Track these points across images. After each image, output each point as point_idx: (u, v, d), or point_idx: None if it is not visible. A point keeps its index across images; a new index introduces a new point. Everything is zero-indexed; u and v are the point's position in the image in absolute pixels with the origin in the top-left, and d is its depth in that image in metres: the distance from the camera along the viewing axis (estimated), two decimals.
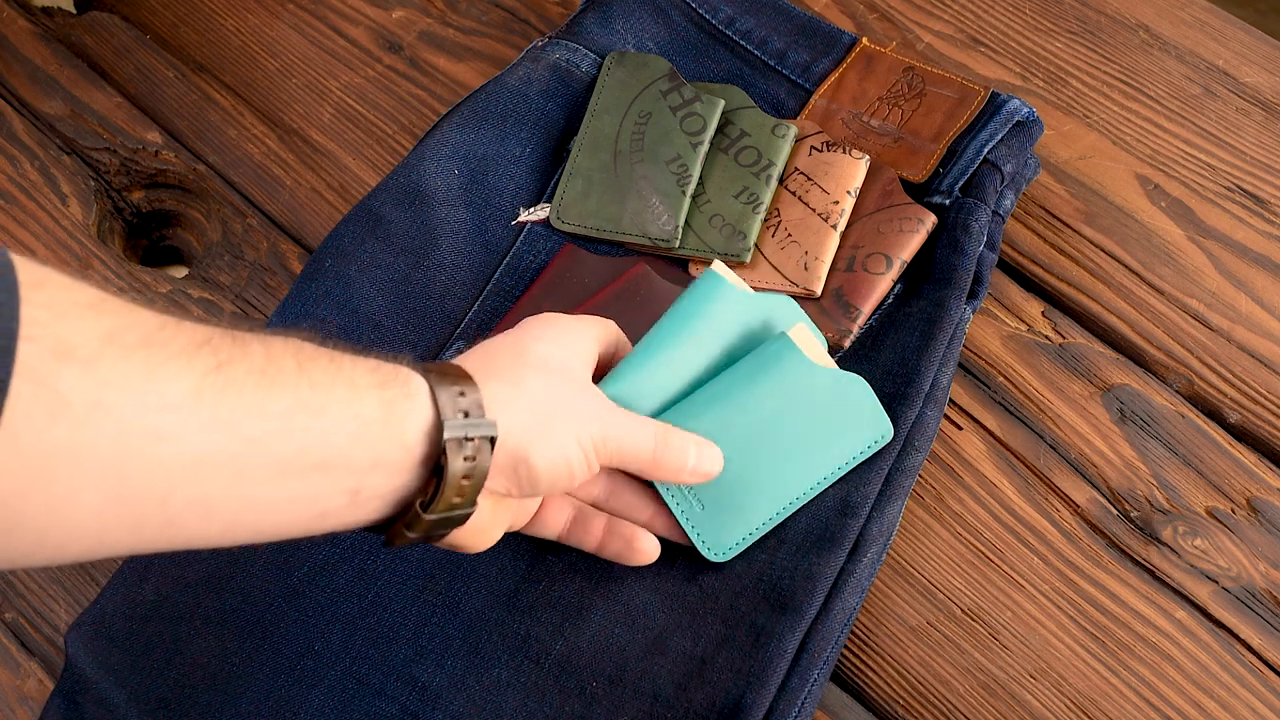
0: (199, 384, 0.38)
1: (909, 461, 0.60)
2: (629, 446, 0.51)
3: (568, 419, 0.49)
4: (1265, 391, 0.64)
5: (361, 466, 0.42)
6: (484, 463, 0.45)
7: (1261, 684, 0.57)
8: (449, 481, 0.44)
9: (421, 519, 0.44)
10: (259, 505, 0.40)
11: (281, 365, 0.40)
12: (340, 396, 0.41)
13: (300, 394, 0.40)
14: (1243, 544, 0.60)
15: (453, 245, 0.67)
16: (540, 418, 0.48)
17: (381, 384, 0.43)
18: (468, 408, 0.45)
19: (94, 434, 0.35)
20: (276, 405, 0.39)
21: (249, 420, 0.39)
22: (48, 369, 0.34)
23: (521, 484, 0.48)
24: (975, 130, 0.67)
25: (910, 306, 0.63)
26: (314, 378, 0.41)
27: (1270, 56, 0.75)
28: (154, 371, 0.37)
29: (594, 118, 0.70)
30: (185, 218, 0.75)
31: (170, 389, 0.37)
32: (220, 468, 0.38)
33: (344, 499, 0.42)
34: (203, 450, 0.38)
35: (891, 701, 0.58)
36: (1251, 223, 0.69)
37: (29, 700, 0.59)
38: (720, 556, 0.57)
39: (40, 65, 0.79)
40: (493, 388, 0.47)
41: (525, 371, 0.49)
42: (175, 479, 0.37)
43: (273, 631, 0.58)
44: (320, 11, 0.81)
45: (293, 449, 0.40)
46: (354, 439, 0.42)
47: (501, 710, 0.55)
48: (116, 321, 0.37)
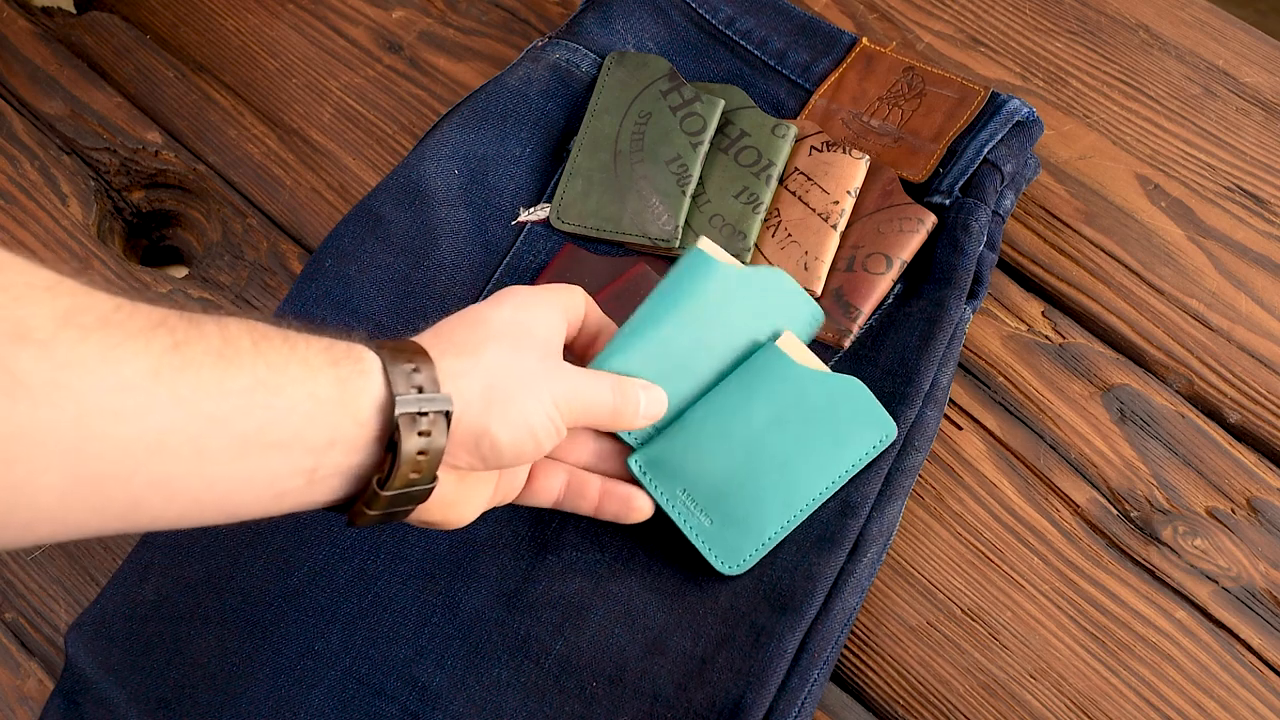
0: (157, 364, 0.38)
1: (909, 461, 0.60)
2: (591, 403, 0.51)
3: (528, 386, 0.48)
4: (1265, 391, 0.64)
5: (318, 445, 0.42)
6: (439, 438, 0.45)
7: (1261, 684, 0.57)
8: (403, 458, 0.44)
9: (379, 496, 0.44)
10: (220, 485, 0.41)
11: (238, 345, 0.41)
12: (295, 375, 0.42)
13: (257, 373, 0.40)
14: (1243, 544, 0.60)
15: (453, 245, 0.67)
16: (499, 389, 0.47)
17: (334, 362, 0.43)
18: (422, 383, 0.45)
19: (53, 415, 0.35)
20: (235, 384, 0.40)
21: (208, 399, 0.39)
22: (4, 351, 0.34)
23: (485, 457, 0.47)
24: (975, 130, 0.67)
25: (910, 306, 0.63)
26: (269, 357, 0.41)
27: (1270, 56, 0.75)
28: (111, 352, 0.37)
29: (594, 118, 0.70)
30: (185, 218, 0.75)
31: (128, 369, 0.37)
32: (181, 447, 0.39)
33: (302, 479, 0.43)
34: (163, 429, 0.38)
35: (891, 701, 0.58)
36: (1251, 223, 0.69)
37: (29, 700, 0.59)
38: (735, 570, 0.56)
39: (40, 65, 0.79)
40: (448, 362, 0.46)
41: (483, 342, 0.48)
42: (137, 459, 0.38)
43: (273, 631, 0.57)
44: (320, 11, 0.81)
45: (252, 427, 0.40)
46: (310, 418, 0.42)
47: (501, 710, 0.55)
48: (73, 303, 0.37)
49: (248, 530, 0.60)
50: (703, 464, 0.57)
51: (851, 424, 0.58)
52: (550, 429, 0.49)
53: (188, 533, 0.60)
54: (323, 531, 0.60)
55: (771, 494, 0.57)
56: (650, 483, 0.56)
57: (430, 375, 0.45)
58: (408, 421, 0.43)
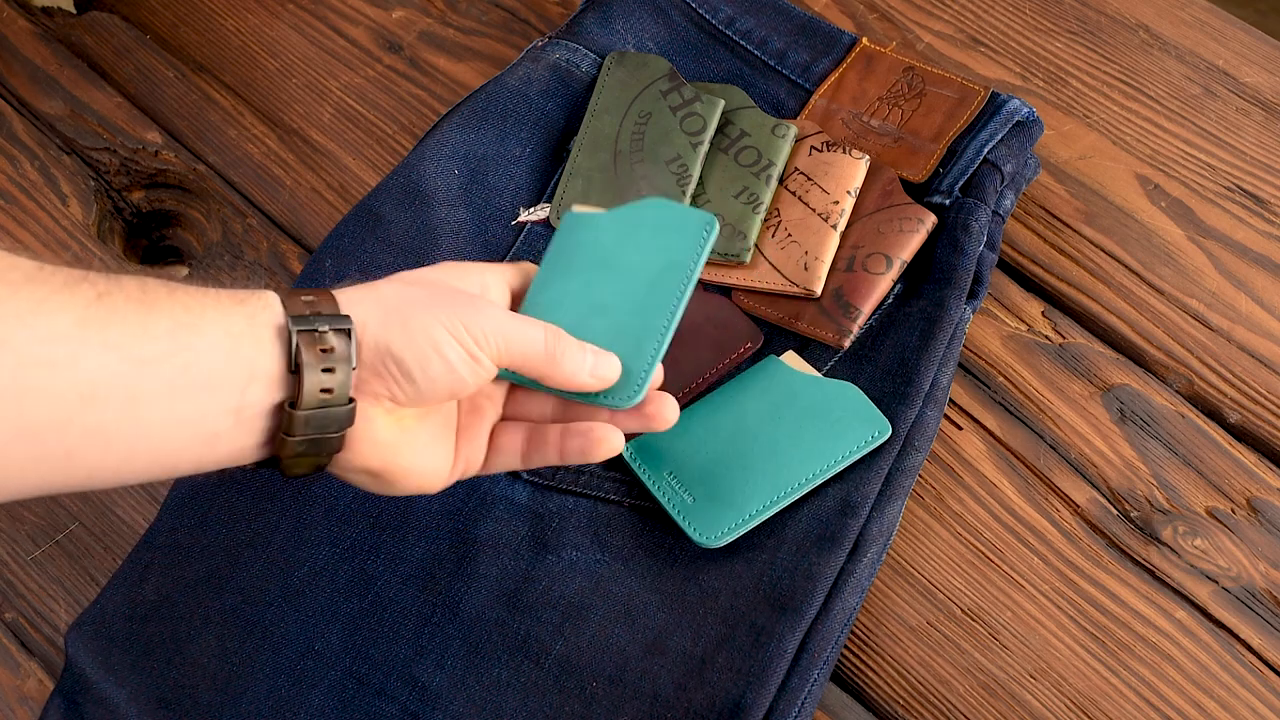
0: (84, 314, 0.40)
1: (909, 461, 0.60)
2: (519, 341, 0.49)
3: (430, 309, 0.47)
4: (1265, 391, 0.64)
5: (239, 381, 0.43)
6: (343, 351, 0.45)
7: (1261, 684, 0.57)
8: (307, 373, 0.44)
9: (295, 416, 0.44)
10: (153, 430, 0.42)
11: (155, 294, 0.42)
12: (211, 317, 0.43)
13: (177, 315, 0.42)
14: (1243, 544, 0.60)
15: (453, 245, 0.67)
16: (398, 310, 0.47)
17: (242, 301, 0.45)
18: (319, 309, 0.46)
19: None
20: (159, 327, 0.42)
21: (134, 343, 0.41)
22: None
23: (398, 381, 0.47)
24: (975, 130, 0.67)
25: (910, 306, 0.63)
26: (186, 302, 0.43)
27: (1270, 56, 0.75)
28: (41, 305, 0.39)
29: (594, 118, 0.70)
30: (185, 218, 0.75)
31: (58, 319, 0.39)
32: (114, 392, 0.40)
33: (230, 419, 0.44)
34: (96, 376, 0.40)
35: (891, 701, 0.58)
36: (1251, 223, 0.69)
37: (29, 700, 0.59)
38: (712, 542, 0.57)
39: (40, 65, 0.79)
40: (346, 293, 0.48)
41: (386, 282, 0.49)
42: (72, 406, 0.39)
43: (273, 631, 0.58)
44: (320, 11, 0.81)
45: (178, 367, 0.42)
46: (229, 355, 0.43)
47: (501, 710, 0.55)
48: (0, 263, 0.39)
49: (248, 530, 0.60)
50: (691, 450, 0.58)
51: (844, 420, 0.59)
52: (462, 354, 0.47)
53: (188, 533, 0.60)
54: (323, 531, 0.60)
55: (757, 475, 0.58)
56: (638, 466, 0.57)
57: (329, 303, 0.46)
58: (307, 339, 0.44)
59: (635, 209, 0.55)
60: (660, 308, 0.53)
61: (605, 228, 0.55)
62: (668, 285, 0.54)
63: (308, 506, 0.61)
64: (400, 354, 0.46)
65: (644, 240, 0.55)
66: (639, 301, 0.54)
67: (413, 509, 0.60)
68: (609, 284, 0.54)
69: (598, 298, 0.54)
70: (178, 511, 0.61)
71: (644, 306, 0.54)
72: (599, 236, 0.55)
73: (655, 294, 0.54)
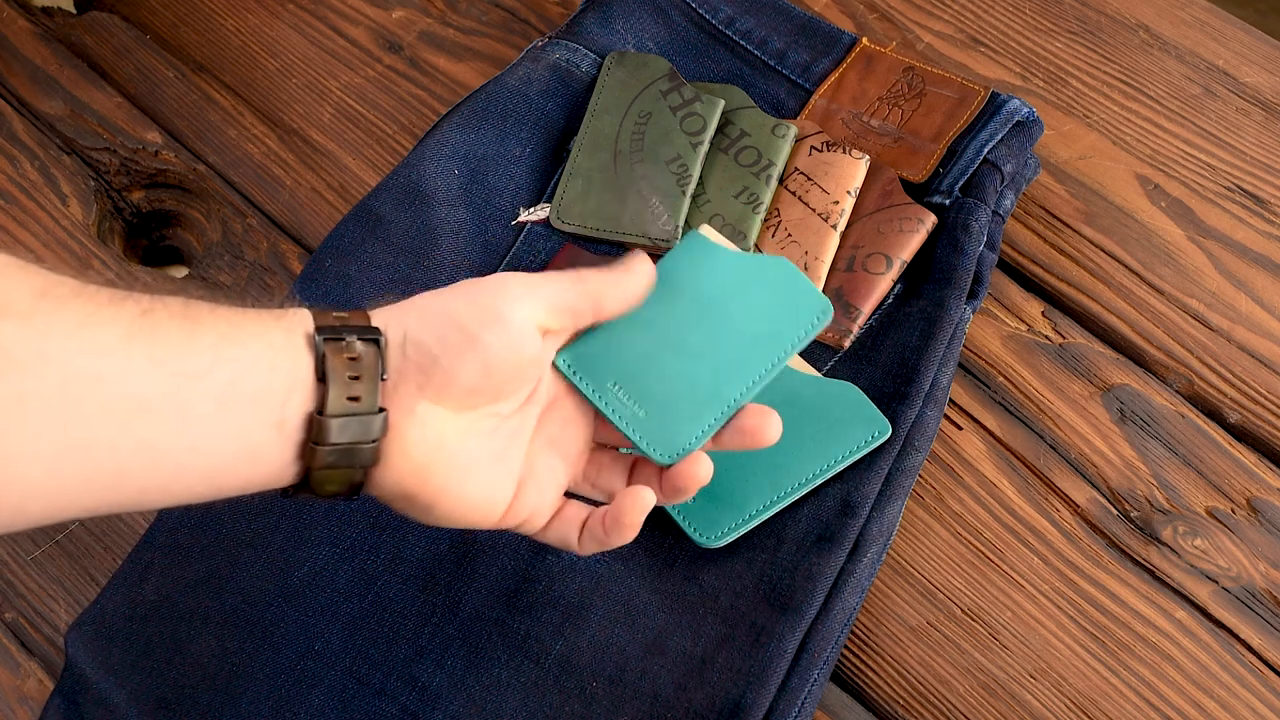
0: (129, 328, 0.40)
1: (909, 461, 0.60)
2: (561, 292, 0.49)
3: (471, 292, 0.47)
4: (1265, 391, 0.64)
5: (281, 395, 0.43)
6: (369, 359, 0.45)
7: (1261, 684, 0.57)
8: (332, 377, 0.44)
9: (323, 424, 0.44)
10: (201, 445, 0.42)
11: (198, 309, 0.43)
12: (253, 330, 0.44)
13: (220, 329, 0.42)
14: (1243, 544, 0.60)
15: (453, 245, 0.67)
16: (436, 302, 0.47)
17: (278, 317, 0.45)
18: (347, 320, 0.46)
19: (38, 384, 0.37)
20: (203, 341, 0.42)
21: (181, 357, 0.41)
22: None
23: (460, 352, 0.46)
24: (975, 130, 0.67)
25: (910, 306, 0.63)
26: (228, 317, 0.43)
27: (1270, 56, 0.75)
28: (87, 320, 0.39)
29: (594, 118, 0.70)
30: (185, 218, 0.75)
31: (104, 334, 0.39)
32: (162, 407, 0.40)
33: (273, 431, 0.44)
34: (143, 391, 0.40)
35: (891, 701, 0.58)
36: (1251, 223, 0.69)
37: (29, 700, 0.59)
38: (712, 542, 0.57)
39: (40, 65, 0.79)
40: (380, 311, 0.47)
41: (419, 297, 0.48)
42: (120, 422, 0.39)
43: (273, 631, 0.58)
44: (320, 11, 0.81)
45: (225, 381, 0.42)
46: (272, 367, 0.43)
47: (501, 710, 0.55)
48: (45, 279, 0.39)
49: (248, 530, 0.60)
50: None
51: (844, 420, 0.59)
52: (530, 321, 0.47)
53: (188, 533, 0.60)
54: (323, 532, 0.60)
55: (756, 475, 0.57)
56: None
57: (359, 318, 0.46)
58: (333, 347, 0.44)
59: (761, 261, 0.54)
60: (739, 376, 0.53)
61: (723, 265, 0.54)
62: (757, 356, 0.53)
63: (308, 506, 0.61)
64: (461, 319, 0.46)
65: (754, 296, 0.54)
66: (721, 359, 0.53)
67: None
68: (701, 325, 0.53)
69: (684, 334, 0.53)
70: (178, 511, 0.61)
71: (723, 367, 0.53)
72: (713, 271, 0.54)
73: (741, 359, 0.53)
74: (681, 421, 0.52)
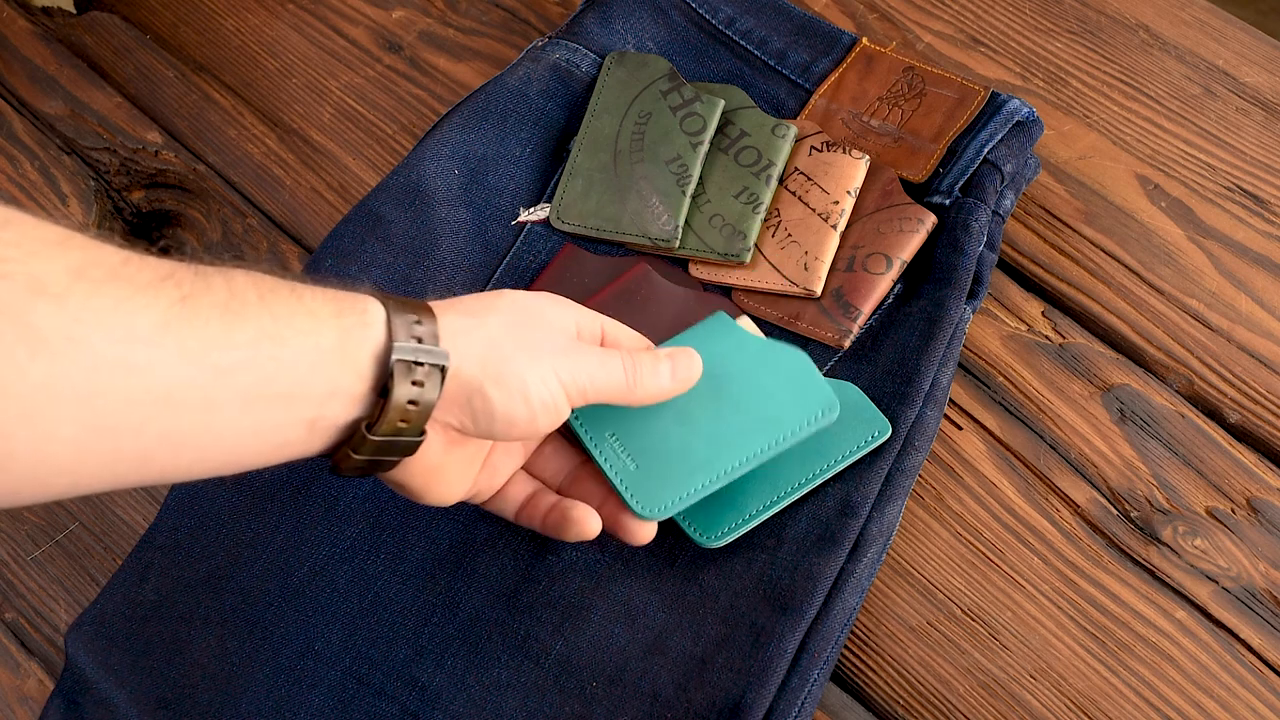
0: (165, 316, 0.38)
1: (909, 461, 0.60)
2: (602, 380, 0.50)
3: (530, 354, 0.48)
4: (1265, 391, 0.64)
5: (319, 396, 0.43)
6: (432, 391, 0.45)
7: (1261, 684, 0.57)
8: (393, 404, 0.44)
9: (366, 440, 0.44)
10: (226, 437, 0.41)
11: (244, 298, 0.41)
12: (301, 327, 0.42)
13: (263, 324, 0.41)
14: (1243, 544, 0.60)
15: (453, 245, 0.67)
16: (499, 349, 0.47)
17: (339, 313, 0.44)
18: (422, 335, 0.45)
19: (68, 367, 0.36)
20: (241, 336, 0.40)
21: (215, 351, 0.40)
22: (24, 306, 0.35)
23: (477, 418, 0.47)
24: (975, 130, 0.67)
25: (910, 306, 0.63)
26: (275, 309, 0.42)
27: (1270, 56, 0.75)
28: (122, 304, 0.38)
29: (594, 118, 0.70)
30: (185, 218, 0.76)
31: (139, 321, 0.38)
32: (190, 398, 0.39)
33: (303, 429, 0.43)
34: (173, 381, 0.39)
35: (891, 701, 0.58)
36: (1251, 223, 0.69)
37: (29, 700, 0.59)
38: (713, 542, 0.56)
39: (40, 65, 0.79)
40: (451, 318, 0.47)
41: (493, 310, 0.49)
42: (147, 410, 0.38)
43: (273, 631, 0.58)
44: (320, 11, 0.81)
45: (257, 379, 0.41)
46: (313, 368, 0.42)
47: (501, 710, 0.55)
48: (84, 256, 0.38)
49: (248, 530, 0.60)
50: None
51: (844, 420, 0.58)
52: (549, 402, 0.48)
53: (188, 532, 0.60)
54: (323, 531, 0.60)
55: (756, 474, 0.57)
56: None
57: (431, 329, 0.46)
58: (402, 370, 0.44)
59: (778, 349, 0.57)
60: (733, 451, 0.55)
61: (742, 347, 0.57)
62: (756, 437, 0.55)
63: (308, 506, 0.61)
64: (490, 395, 0.47)
65: (766, 382, 0.56)
66: (721, 434, 0.55)
67: (413, 509, 0.60)
68: (708, 399, 0.56)
69: (690, 404, 0.55)
70: (178, 511, 0.61)
71: (721, 441, 0.55)
72: (731, 351, 0.57)
73: (739, 437, 0.55)
74: (669, 482, 0.55)
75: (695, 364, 0.54)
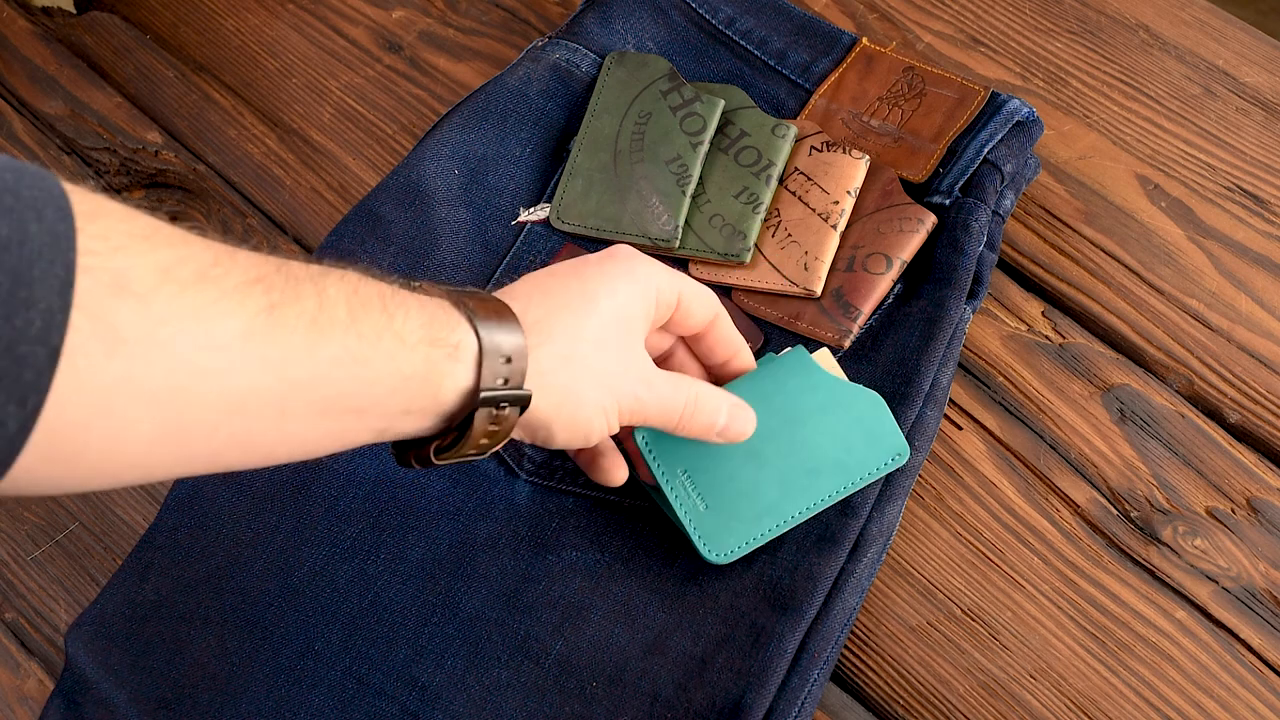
0: (250, 324, 0.38)
1: (909, 461, 0.60)
2: (654, 413, 0.52)
3: (600, 388, 0.49)
4: (1265, 391, 0.64)
5: (393, 412, 0.43)
6: (509, 425, 0.46)
7: (1261, 684, 0.57)
8: (470, 439, 0.45)
9: (432, 462, 0.46)
10: (294, 439, 0.42)
11: (333, 314, 0.41)
12: (387, 350, 0.42)
13: (348, 343, 0.41)
14: (1243, 544, 0.60)
15: (453, 245, 0.67)
16: (575, 395, 0.48)
17: (431, 340, 0.44)
18: (508, 375, 0.45)
19: (147, 369, 0.36)
20: (324, 352, 0.40)
21: (295, 364, 0.40)
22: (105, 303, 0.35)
23: (535, 438, 0.50)
24: (975, 130, 0.67)
25: (910, 306, 0.63)
26: (363, 328, 0.41)
27: (1270, 56, 0.75)
28: (207, 309, 0.37)
29: (594, 118, 0.70)
30: (185, 218, 0.75)
31: (222, 328, 0.37)
32: (265, 406, 0.39)
33: (371, 435, 0.44)
34: (249, 389, 0.39)
35: (891, 701, 0.58)
36: (1251, 223, 0.69)
37: (29, 700, 0.59)
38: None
39: (40, 65, 0.79)
40: (542, 355, 0.47)
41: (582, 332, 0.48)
42: (222, 415, 0.38)
43: (273, 631, 0.58)
44: (320, 11, 0.81)
45: (334, 393, 0.41)
46: (392, 391, 0.43)
47: (501, 710, 0.55)
48: (171, 254, 0.37)
49: (248, 530, 0.60)
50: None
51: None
52: (604, 430, 0.50)
53: (188, 532, 0.60)
54: (323, 531, 0.60)
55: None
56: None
57: (520, 368, 0.46)
58: (485, 411, 0.45)
59: (854, 391, 0.57)
60: (803, 496, 0.56)
61: (817, 386, 0.57)
62: (825, 480, 0.56)
63: (308, 506, 0.61)
64: (554, 432, 0.49)
65: (838, 423, 0.57)
66: (791, 475, 0.56)
67: (413, 509, 0.60)
68: (781, 438, 0.56)
69: (763, 443, 0.56)
70: (178, 511, 0.61)
71: (791, 483, 0.56)
72: (806, 389, 0.57)
73: (809, 480, 0.56)
74: (737, 525, 0.56)
75: (750, 423, 0.55)
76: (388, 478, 0.61)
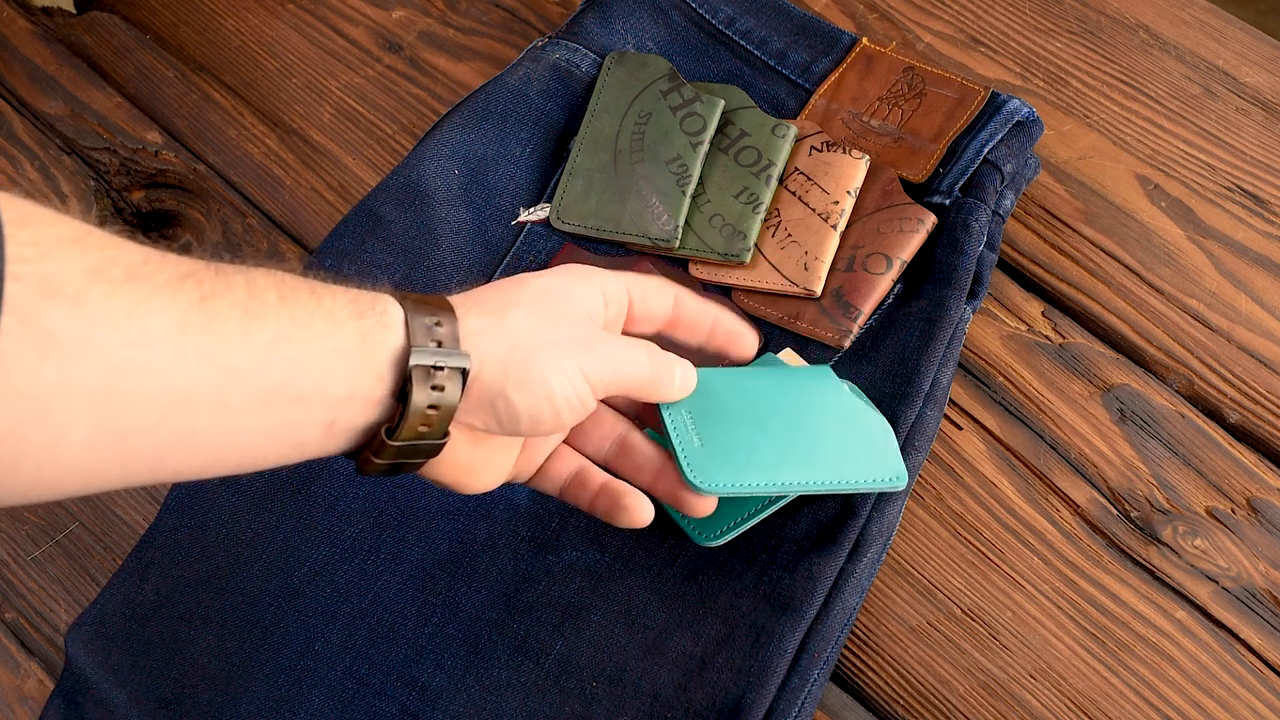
0: (183, 317, 0.38)
1: (909, 461, 0.60)
2: (627, 371, 0.50)
3: (553, 353, 0.47)
4: (1265, 391, 0.64)
5: (337, 399, 0.42)
6: (452, 395, 0.44)
7: (1261, 684, 0.57)
8: (413, 410, 0.43)
9: (387, 446, 0.44)
10: (241, 438, 0.41)
11: (264, 299, 0.41)
12: (320, 329, 0.42)
13: (282, 326, 0.41)
14: (1243, 544, 0.60)
15: (453, 245, 0.67)
16: (520, 350, 0.46)
17: (359, 314, 0.43)
18: (442, 338, 0.44)
19: (82, 371, 0.35)
20: (259, 338, 0.40)
21: (232, 353, 0.39)
22: (36, 308, 0.34)
23: (501, 420, 0.46)
24: (975, 130, 0.67)
25: (910, 306, 0.63)
26: (294, 311, 0.41)
27: (1270, 56, 0.75)
28: (139, 307, 0.37)
29: (594, 118, 0.70)
30: (185, 218, 0.75)
31: (155, 323, 0.37)
32: (205, 400, 0.39)
33: (320, 431, 0.43)
34: (188, 383, 0.38)
35: (891, 701, 0.58)
36: (1251, 223, 0.69)
37: (29, 700, 0.59)
38: (711, 541, 0.56)
39: (40, 65, 0.79)
40: (472, 320, 0.46)
41: (513, 305, 0.47)
42: (162, 412, 0.38)
43: (273, 631, 0.58)
44: (320, 11, 0.81)
45: (275, 381, 0.40)
46: (331, 371, 0.42)
47: (501, 710, 0.55)
48: (101, 256, 0.37)
49: (248, 530, 0.60)
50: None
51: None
52: (574, 400, 0.47)
53: (188, 532, 0.60)
54: (323, 531, 0.60)
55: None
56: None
57: (452, 331, 0.45)
58: (421, 375, 0.43)
59: (870, 414, 0.57)
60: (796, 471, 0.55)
61: (836, 399, 0.57)
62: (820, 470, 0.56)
63: (308, 506, 0.61)
64: (512, 398, 0.46)
65: (848, 433, 0.57)
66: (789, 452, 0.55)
67: (413, 509, 0.60)
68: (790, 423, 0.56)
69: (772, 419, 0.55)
70: (178, 511, 0.61)
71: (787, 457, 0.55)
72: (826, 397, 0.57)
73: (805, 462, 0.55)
74: (729, 468, 0.54)
75: (691, 377, 0.53)
76: (388, 478, 0.61)
